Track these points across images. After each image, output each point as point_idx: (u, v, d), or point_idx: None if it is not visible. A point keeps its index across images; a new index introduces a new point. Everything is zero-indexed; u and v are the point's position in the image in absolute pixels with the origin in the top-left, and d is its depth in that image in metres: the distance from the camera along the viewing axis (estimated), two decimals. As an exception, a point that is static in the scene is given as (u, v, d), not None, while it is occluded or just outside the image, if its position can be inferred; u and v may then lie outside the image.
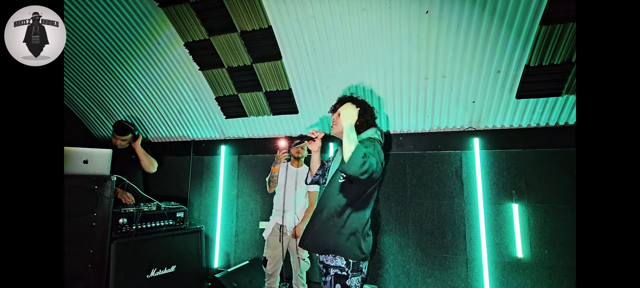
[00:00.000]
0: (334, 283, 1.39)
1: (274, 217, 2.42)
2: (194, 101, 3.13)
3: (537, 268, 2.27)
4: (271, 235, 2.40)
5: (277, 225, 2.40)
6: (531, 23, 1.94)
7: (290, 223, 2.37)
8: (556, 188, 2.29)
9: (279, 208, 2.40)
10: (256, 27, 2.38)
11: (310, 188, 2.44)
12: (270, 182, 2.39)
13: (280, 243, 2.35)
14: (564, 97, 2.21)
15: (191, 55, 2.74)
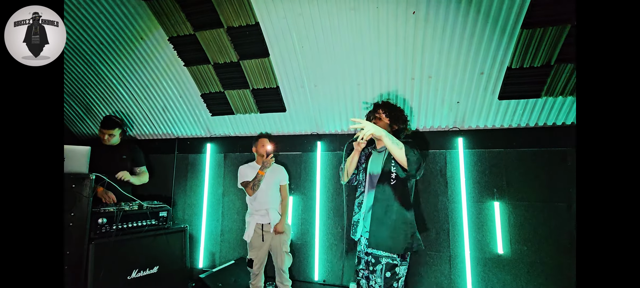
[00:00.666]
0: (385, 270, 1.55)
1: (253, 218, 2.43)
2: (179, 98, 3.06)
3: (516, 264, 2.35)
4: (254, 237, 2.40)
5: (258, 225, 2.41)
6: (513, 26, 2.00)
7: (274, 220, 2.40)
8: (535, 187, 2.37)
9: (260, 208, 2.42)
10: (243, 23, 2.35)
11: (282, 183, 2.54)
12: (255, 185, 2.36)
13: (264, 242, 2.38)
14: (543, 99, 2.29)
15: (176, 51, 2.67)
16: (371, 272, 1.61)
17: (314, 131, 2.96)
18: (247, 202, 2.51)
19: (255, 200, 2.44)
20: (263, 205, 2.42)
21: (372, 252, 1.61)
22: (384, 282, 1.54)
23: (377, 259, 1.59)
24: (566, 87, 2.20)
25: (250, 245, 2.41)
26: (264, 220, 2.41)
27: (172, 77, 2.89)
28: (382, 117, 1.78)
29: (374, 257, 1.60)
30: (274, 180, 2.50)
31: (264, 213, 2.41)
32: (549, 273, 2.28)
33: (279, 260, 2.41)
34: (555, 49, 2.05)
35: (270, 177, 2.47)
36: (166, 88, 2.99)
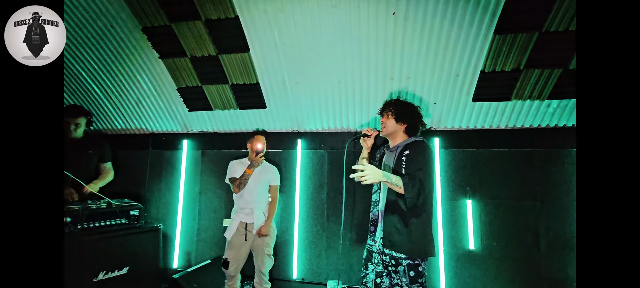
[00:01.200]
0: (408, 270, 1.55)
1: (238, 216, 2.34)
2: (154, 91, 2.93)
3: (485, 260, 2.46)
4: (235, 235, 2.31)
5: (242, 224, 2.33)
6: (487, 31, 2.08)
7: (259, 221, 2.32)
8: (505, 186, 2.50)
9: (245, 206, 2.34)
10: (222, 16, 2.28)
11: (272, 183, 2.47)
12: (241, 184, 2.28)
13: (246, 242, 2.29)
14: (513, 102, 2.40)
15: (150, 42, 2.55)
16: (394, 272, 1.60)
17: (294, 129, 2.94)
18: (234, 199, 2.43)
19: (241, 198, 2.35)
20: (249, 204, 2.33)
21: (390, 253, 1.60)
22: (410, 281, 1.55)
23: (397, 260, 1.58)
24: (533, 91, 2.32)
25: (229, 244, 2.30)
26: (249, 219, 2.32)
27: (146, 70, 2.76)
28: (390, 115, 1.79)
29: (393, 259, 1.60)
30: (263, 179, 2.41)
31: (249, 212, 2.32)
32: (516, 268, 2.41)
33: (260, 262, 2.33)
34: (524, 55, 2.16)
35: (259, 175, 2.39)
36: (140, 81, 2.85)
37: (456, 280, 2.49)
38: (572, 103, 2.34)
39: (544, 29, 2.03)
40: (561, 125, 2.47)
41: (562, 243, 2.37)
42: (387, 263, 1.63)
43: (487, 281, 2.45)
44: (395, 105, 1.82)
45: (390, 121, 1.79)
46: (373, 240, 1.74)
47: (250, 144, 2.47)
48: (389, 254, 1.61)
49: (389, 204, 1.66)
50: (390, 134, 1.80)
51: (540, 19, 1.99)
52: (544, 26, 2.02)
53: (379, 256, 1.68)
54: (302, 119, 2.85)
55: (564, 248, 2.37)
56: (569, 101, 2.34)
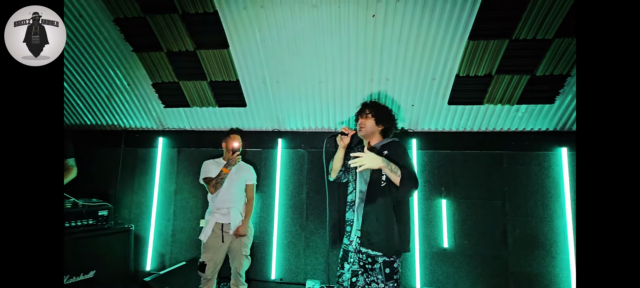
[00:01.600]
0: (384, 267, 1.56)
1: (214, 217, 2.26)
2: (127, 86, 2.80)
3: (458, 257, 2.55)
4: (211, 237, 2.22)
5: (218, 225, 2.25)
6: (461, 37, 2.16)
7: (236, 221, 2.27)
8: (476, 186, 2.61)
9: (221, 206, 2.27)
10: (200, 10, 2.22)
11: (248, 182, 2.42)
12: (218, 183, 2.21)
13: (223, 243, 2.23)
14: (485, 106, 2.52)
15: (123, 34, 2.44)
16: (370, 270, 1.61)
17: (275, 128, 2.92)
18: (209, 199, 2.34)
19: (216, 198, 2.27)
20: (225, 204, 2.25)
21: (367, 251, 1.61)
22: (385, 278, 1.56)
23: (373, 258, 1.59)
24: (504, 96, 2.44)
25: (205, 247, 2.22)
26: (225, 219, 2.25)
27: (119, 63, 2.64)
28: (369, 116, 1.80)
29: (369, 257, 1.60)
30: (239, 178, 2.35)
31: (225, 212, 2.25)
32: (486, 265, 2.52)
33: (237, 263, 2.27)
34: (495, 61, 2.27)
35: (235, 174, 2.33)
36: (112, 74, 2.72)
37: (431, 277, 2.57)
38: (538, 108, 2.49)
39: (514, 37, 2.14)
40: (528, 129, 2.62)
41: (527, 240, 2.51)
42: (364, 262, 1.65)
43: (459, 277, 2.54)
44: (374, 107, 1.84)
45: (369, 121, 1.80)
46: (349, 239, 1.76)
47: (226, 142, 2.41)
48: (365, 252, 1.62)
49: (366, 203, 1.68)
50: (367, 135, 1.81)
51: (510, 27, 2.10)
52: (513, 34, 2.13)
53: (355, 255, 1.71)
54: (283, 118, 2.83)
55: (529, 245, 2.50)
56: (536, 106, 2.48)
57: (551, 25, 2.04)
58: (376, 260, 1.58)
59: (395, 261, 1.60)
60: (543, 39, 2.12)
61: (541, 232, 2.50)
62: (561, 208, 2.49)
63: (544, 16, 2.01)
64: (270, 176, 2.88)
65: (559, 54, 2.19)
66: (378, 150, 1.75)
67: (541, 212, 2.52)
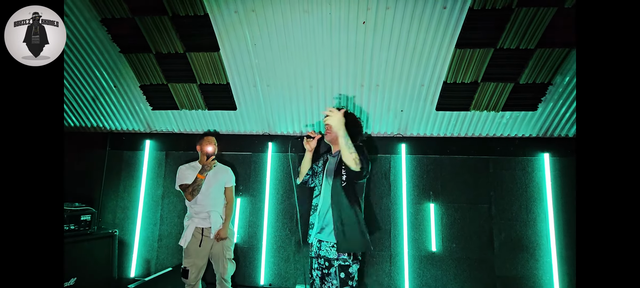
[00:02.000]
0: (339, 272, 1.57)
1: (193, 222, 2.21)
2: (113, 88, 2.74)
3: (446, 260, 2.59)
4: (192, 242, 2.18)
5: (198, 230, 2.20)
6: (449, 45, 2.22)
7: (216, 224, 2.23)
8: (464, 190, 2.66)
9: (200, 211, 2.21)
10: (191, 12, 2.21)
11: (227, 185, 2.38)
12: (194, 190, 2.14)
13: (201, 248, 2.18)
14: (471, 112, 2.58)
15: (110, 35, 2.39)
16: (326, 274, 1.62)
17: (265, 131, 2.91)
18: (187, 204, 2.27)
19: (195, 203, 2.21)
20: (204, 208, 2.21)
21: (325, 255, 1.63)
22: (340, 283, 1.57)
23: (329, 262, 1.61)
24: (490, 102, 2.51)
25: (186, 252, 2.17)
26: (205, 224, 2.20)
27: (105, 64, 2.58)
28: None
29: (326, 260, 1.63)
30: (217, 181, 2.30)
31: (205, 216, 2.21)
32: (473, 267, 2.57)
33: (221, 267, 2.22)
34: (481, 69, 2.34)
35: (213, 177, 2.27)
36: (98, 75, 2.66)
37: (419, 281, 2.59)
38: (522, 115, 2.57)
39: (498, 46, 2.21)
40: (513, 135, 2.70)
41: (512, 243, 2.57)
42: (322, 266, 1.65)
43: (447, 281, 2.57)
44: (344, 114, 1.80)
45: None
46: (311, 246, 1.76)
47: (200, 146, 2.31)
48: (323, 256, 1.64)
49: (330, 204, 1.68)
50: (333, 140, 1.83)
51: (494, 36, 2.17)
52: (498, 43, 2.20)
53: (316, 260, 1.70)
54: (273, 122, 2.83)
55: (514, 248, 2.57)
56: (519, 113, 2.56)
57: (533, 36, 2.13)
58: (332, 264, 1.61)
59: (351, 266, 1.59)
60: (526, 49, 2.20)
61: (525, 236, 2.57)
62: (544, 212, 2.57)
63: (526, 27, 2.09)
64: (260, 180, 2.86)
65: (541, 63, 2.27)
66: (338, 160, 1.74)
67: (525, 216, 2.59)
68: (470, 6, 2.02)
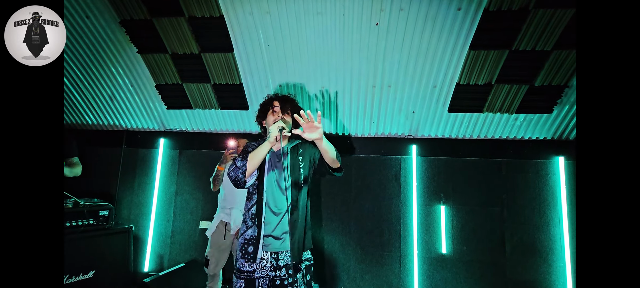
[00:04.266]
0: (306, 273, 1.41)
1: (219, 215, 2.35)
2: (130, 87, 2.81)
3: (456, 263, 2.58)
4: (216, 233, 2.30)
5: (222, 223, 2.32)
6: (462, 46, 2.21)
7: (236, 222, 2.31)
8: (475, 193, 2.64)
9: (225, 206, 2.33)
10: (206, 14, 2.25)
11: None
12: (215, 180, 2.34)
13: (225, 241, 2.28)
14: (484, 114, 2.56)
15: (128, 36, 2.46)
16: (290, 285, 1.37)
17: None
18: (217, 199, 2.41)
19: (223, 197, 2.35)
20: (228, 204, 2.32)
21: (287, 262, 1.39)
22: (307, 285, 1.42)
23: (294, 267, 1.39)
24: (503, 104, 2.48)
25: (210, 242, 2.31)
26: (227, 219, 2.32)
27: (123, 64, 2.65)
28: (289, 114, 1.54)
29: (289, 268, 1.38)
30: None
31: (228, 212, 2.32)
32: (483, 271, 2.55)
33: None
34: (495, 70, 2.31)
35: None
36: (115, 74, 2.73)
37: (429, 283, 2.59)
38: (536, 117, 2.53)
39: (514, 47, 2.19)
40: (526, 138, 2.66)
41: (525, 247, 2.54)
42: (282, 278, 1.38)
43: (456, 284, 2.56)
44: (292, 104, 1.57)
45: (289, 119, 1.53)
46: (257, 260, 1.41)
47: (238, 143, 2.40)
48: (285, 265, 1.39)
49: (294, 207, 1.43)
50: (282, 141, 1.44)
51: (510, 38, 2.15)
52: (513, 45, 2.17)
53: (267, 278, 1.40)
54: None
55: (526, 252, 2.53)
56: (534, 115, 2.52)
57: (550, 37, 2.10)
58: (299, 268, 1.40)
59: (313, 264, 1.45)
60: (542, 51, 2.17)
61: (538, 240, 2.53)
62: (558, 216, 2.53)
63: (543, 28, 2.06)
64: (271, 179, 2.89)
65: (557, 65, 2.24)
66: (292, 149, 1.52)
67: (538, 220, 2.56)
68: (486, 7, 2.00)
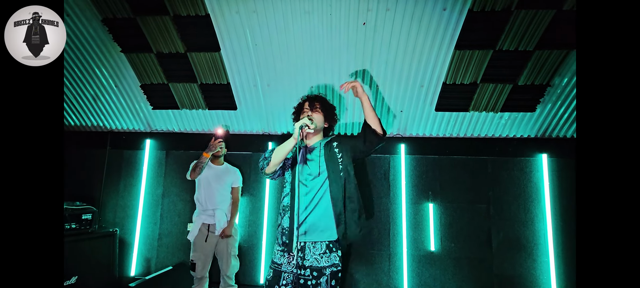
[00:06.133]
0: (330, 279, 1.40)
1: (200, 217, 2.33)
2: (114, 87, 2.74)
3: (445, 260, 2.61)
4: (198, 236, 2.29)
5: (204, 226, 2.31)
6: (448, 46, 2.24)
7: (221, 223, 2.30)
8: (463, 191, 2.68)
9: (206, 208, 2.33)
10: (192, 12, 2.21)
11: (234, 185, 2.49)
12: (197, 168, 2.28)
13: (207, 243, 2.28)
14: (470, 113, 2.60)
15: (111, 35, 2.40)
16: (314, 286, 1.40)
17: (265, 131, 2.92)
18: (195, 200, 2.40)
19: (202, 199, 2.34)
20: (210, 205, 2.32)
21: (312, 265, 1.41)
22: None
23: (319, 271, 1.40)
24: (489, 103, 2.53)
25: (193, 246, 2.30)
26: (211, 220, 2.32)
27: (106, 63, 2.59)
28: (319, 110, 1.63)
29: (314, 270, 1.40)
30: (225, 181, 2.43)
31: (211, 213, 2.32)
32: (471, 267, 2.59)
33: (225, 264, 2.31)
34: (480, 70, 2.35)
35: (222, 176, 2.41)
36: (98, 74, 2.66)
37: (418, 280, 2.62)
38: (521, 116, 2.59)
39: (498, 47, 2.23)
40: (511, 136, 2.72)
41: (510, 243, 2.60)
42: (306, 279, 1.39)
43: (445, 280, 2.60)
44: (323, 102, 1.67)
45: (319, 116, 1.61)
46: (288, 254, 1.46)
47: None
48: (309, 266, 1.40)
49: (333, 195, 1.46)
50: (316, 133, 1.61)
51: (494, 38, 2.19)
52: (497, 45, 2.22)
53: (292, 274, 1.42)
54: (274, 122, 2.84)
55: (512, 248, 2.59)
56: (518, 114, 2.58)
57: (532, 37, 2.15)
58: (323, 273, 1.40)
59: (340, 271, 1.45)
60: (524, 51, 2.22)
61: (523, 235, 2.59)
62: (542, 212, 2.59)
63: (525, 29, 2.11)
64: (260, 179, 2.87)
65: (539, 65, 2.29)
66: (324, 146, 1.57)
67: (523, 216, 2.62)
68: (470, 8, 2.03)
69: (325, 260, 1.41)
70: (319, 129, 1.63)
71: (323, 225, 1.46)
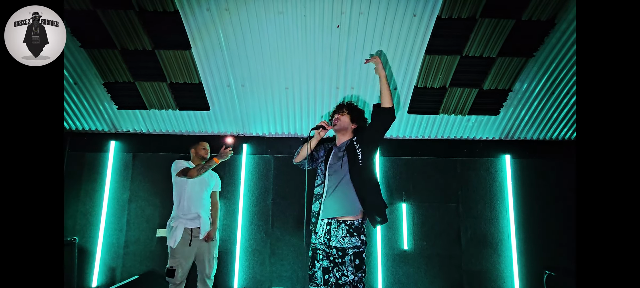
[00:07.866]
0: (353, 259, 1.59)
1: (181, 222, 2.26)
2: (73, 85, 2.55)
3: (417, 258, 2.69)
4: (181, 243, 2.21)
5: (187, 230, 2.26)
6: (419, 51, 2.31)
7: (205, 226, 2.31)
8: (434, 190, 2.78)
9: (188, 212, 2.28)
10: (159, 8, 2.11)
11: (215, 189, 2.49)
12: (202, 169, 2.26)
13: (191, 248, 2.24)
14: (440, 116, 2.70)
15: (69, 27, 2.23)
16: (340, 264, 1.60)
17: (240, 132, 2.85)
18: (175, 205, 2.31)
19: (184, 204, 2.28)
20: (194, 209, 2.29)
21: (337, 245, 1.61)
22: (355, 269, 1.60)
23: (343, 251, 1.60)
24: (457, 106, 2.64)
25: (174, 252, 2.21)
26: (194, 224, 2.28)
27: (64, 59, 2.40)
28: (345, 113, 1.92)
29: (338, 250, 1.61)
30: (208, 184, 2.42)
31: (195, 217, 2.28)
32: (442, 264, 2.69)
33: (208, 267, 2.30)
34: (449, 74, 2.46)
35: (207, 180, 2.41)
36: (55, 71, 2.46)
37: (392, 279, 2.67)
38: (486, 119, 2.73)
39: (464, 53, 2.34)
40: (478, 138, 2.86)
41: (478, 240, 2.73)
42: (334, 257, 1.62)
43: (418, 278, 2.68)
44: (350, 107, 1.97)
45: (345, 118, 1.91)
46: (317, 236, 1.73)
47: (195, 149, 2.47)
48: (335, 247, 1.62)
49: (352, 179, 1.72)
50: (341, 129, 1.90)
51: (461, 44, 2.29)
52: (464, 51, 2.32)
53: (324, 251, 1.68)
54: (248, 123, 2.78)
55: (479, 244, 2.72)
56: (483, 117, 2.72)
57: (495, 45, 2.27)
58: (346, 253, 1.60)
59: (364, 252, 1.64)
60: (488, 57, 2.35)
61: (489, 232, 2.73)
62: (505, 209, 2.75)
63: (488, 36, 2.23)
64: (234, 182, 2.80)
65: (502, 71, 2.43)
66: (348, 144, 1.84)
67: (489, 214, 2.76)
68: (438, 15, 2.11)
69: (347, 242, 1.61)
70: (347, 129, 1.91)
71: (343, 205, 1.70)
